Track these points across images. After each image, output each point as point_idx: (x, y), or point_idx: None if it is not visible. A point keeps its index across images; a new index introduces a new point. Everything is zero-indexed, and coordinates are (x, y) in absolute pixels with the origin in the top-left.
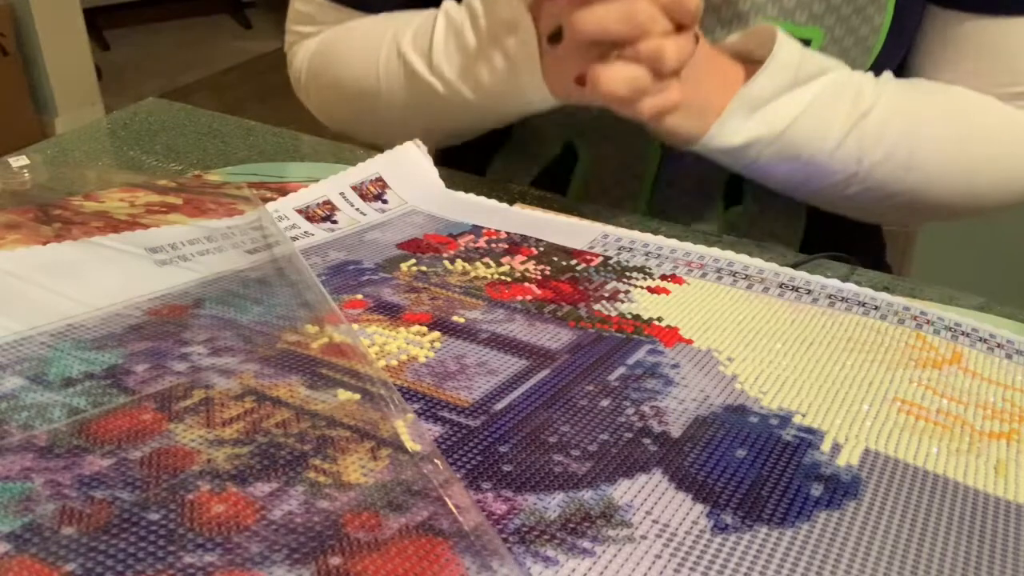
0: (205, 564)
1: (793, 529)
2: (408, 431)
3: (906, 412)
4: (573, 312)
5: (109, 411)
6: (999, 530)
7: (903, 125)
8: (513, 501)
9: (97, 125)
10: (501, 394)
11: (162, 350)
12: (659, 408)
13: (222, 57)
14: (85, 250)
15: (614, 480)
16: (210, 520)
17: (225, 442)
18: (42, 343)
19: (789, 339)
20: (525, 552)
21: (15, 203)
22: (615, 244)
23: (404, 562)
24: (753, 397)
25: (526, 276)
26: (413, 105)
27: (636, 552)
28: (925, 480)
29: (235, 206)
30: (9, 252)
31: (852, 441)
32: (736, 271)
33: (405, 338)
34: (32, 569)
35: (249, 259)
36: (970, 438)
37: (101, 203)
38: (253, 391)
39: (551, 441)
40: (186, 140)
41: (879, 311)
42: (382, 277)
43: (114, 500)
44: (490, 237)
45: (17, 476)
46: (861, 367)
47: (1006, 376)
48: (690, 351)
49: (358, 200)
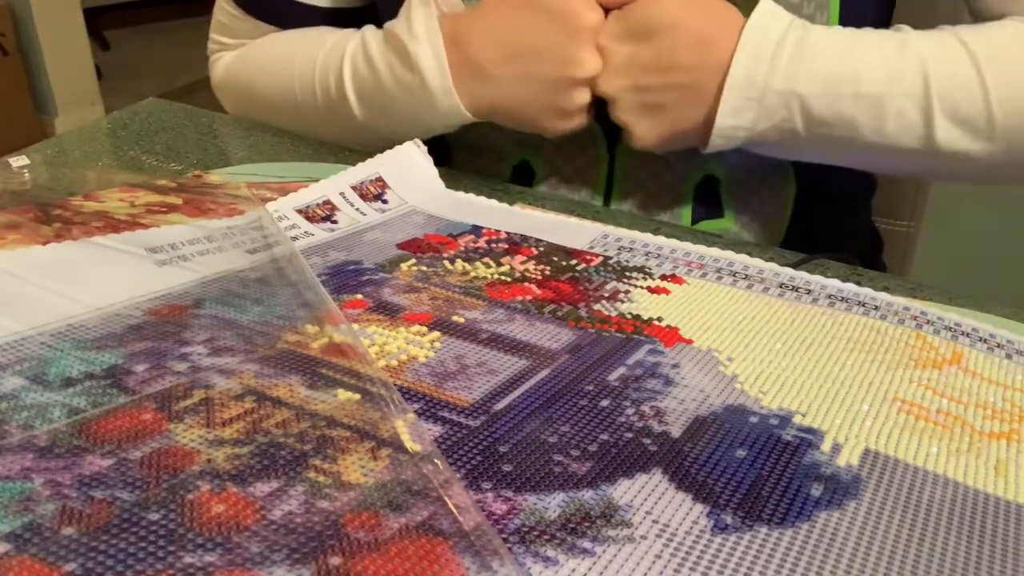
0: (205, 564)
1: (793, 529)
2: (408, 431)
3: (906, 412)
4: (573, 312)
5: (109, 411)
6: (999, 530)
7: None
8: (513, 501)
9: (97, 125)
10: (501, 394)
11: (162, 350)
12: (659, 408)
13: None
14: (85, 250)
15: (614, 480)
16: (210, 520)
17: (225, 442)
18: (42, 343)
19: (789, 339)
20: (525, 552)
21: (15, 203)
22: (615, 244)
23: (404, 562)
24: (753, 397)
25: (526, 276)
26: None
27: (636, 552)
28: (925, 480)
29: (235, 206)
30: (9, 252)
31: (852, 441)
32: (736, 271)
33: (405, 338)
34: (32, 569)
35: (249, 259)
36: (970, 438)
37: (101, 203)
38: (253, 391)
39: (551, 441)
40: (186, 140)
41: (879, 311)
42: (382, 277)
43: (114, 500)
44: (490, 237)
45: (17, 476)
46: (861, 367)
47: (1006, 376)
48: (690, 351)
49: (358, 200)
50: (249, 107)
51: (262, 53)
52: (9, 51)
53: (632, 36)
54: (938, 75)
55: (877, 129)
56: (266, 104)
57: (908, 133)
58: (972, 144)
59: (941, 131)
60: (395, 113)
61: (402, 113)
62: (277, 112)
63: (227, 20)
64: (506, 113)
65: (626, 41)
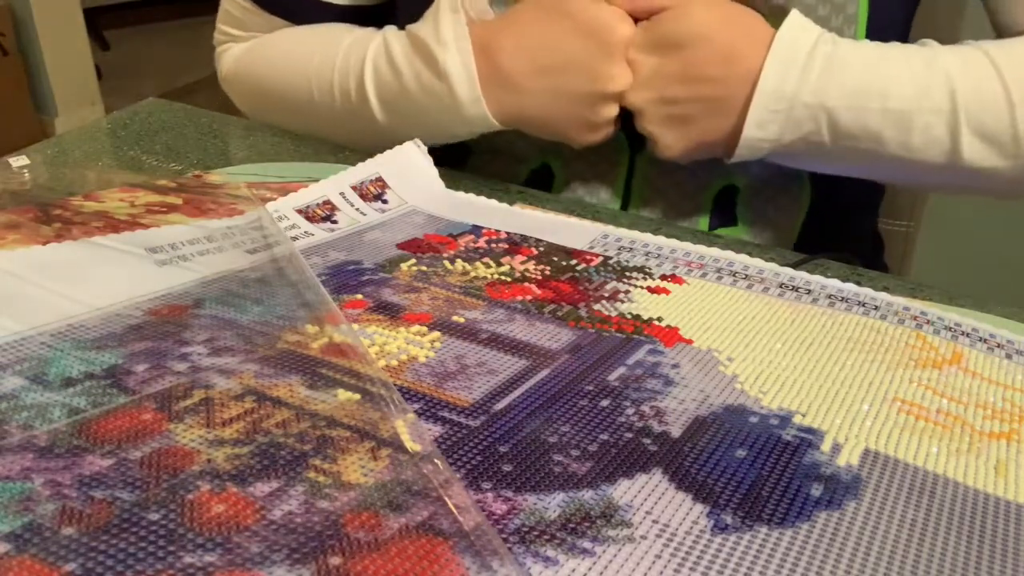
0: (205, 564)
1: (793, 529)
2: (408, 431)
3: (906, 412)
4: (573, 312)
5: (109, 411)
6: (999, 530)
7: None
8: (513, 501)
9: (97, 125)
10: (501, 394)
11: (162, 350)
12: (659, 408)
13: None
14: (85, 250)
15: (614, 480)
16: (210, 520)
17: (225, 442)
18: (42, 343)
19: (789, 339)
20: (525, 552)
21: (15, 203)
22: (615, 244)
23: (404, 562)
24: (753, 397)
25: (526, 276)
26: (345, 121)
27: (636, 552)
28: (925, 480)
29: (235, 206)
30: (9, 252)
31: (852, 441)
32: (736, 271)
33: (405, 338)
34: (32, 569)
35: (249, 259)
36: (970, 438)
37: (101, 203)
38: (253, 391)
39: (551, 441)
40: (186, 140)
41: (879, 311)
42: (382, 277)
43: (114, 500)
44: (490, 237)
45: (17, 476)
46: (861, 367)
47: (1006, 376)
48: (690, 351)
49: (358, 200)
50: (259, 103)
51: (275, 49)
52: (9, 51)
53: (660, 47)
54: (965, 91)
55: (904, 143)
56: (278, 102)
57: (934, 148)
58: (998, 160)
59: (967, 147)
60: (419, 118)
61: (427, 119)
62: (290, 111)
63: (237, 12)
64: (533, 123)
65: (653, 52)
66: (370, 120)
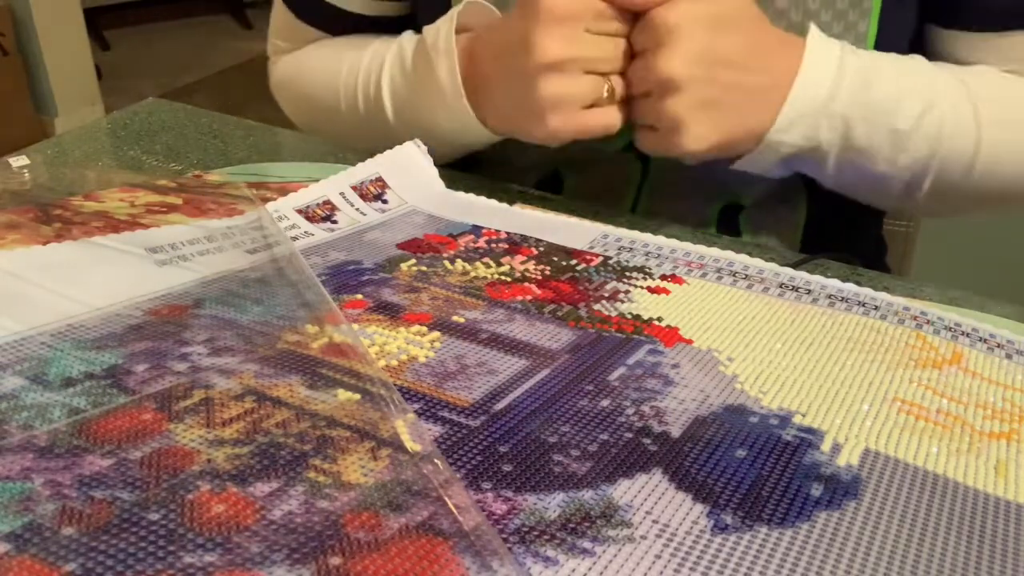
0: (205, 564)
1: (793, 529)
2: (408, 431)
3: (906, 412)
4: (573, 312)
5: (109, 411)
6: (999, 530)
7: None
8: (513, 501)
9: (97, 125)
10: (501, 394)
11: (162, 350)
12: (659, 408)
13: (222, 57)
14: (85, 250)
15: (614, 480)
16: (210, 520)
17: (225, 442)
18: (42, 343)
19: (789, 339)
20: (525, 552)
21: (15, 203)
22: (615, 244)
23: (404, 562)
24: (753, 397)
25: (526, 276)
26: (368, 127)
27: (636, 552)
28: (925, 480)
29: (235, 206)
30: (9, 252)
31: (852, 441)
32: (736, 271)
33: (405, 338)
34: (32, 569)
35: (249, 259)
36: (970, 438)
37: (101, 203)
38: (253, 391)
39: (551, 441)
40: (186, 140)
41: (879, 311)
42: (382, 277)
43: (114, 500)
44: (490, 237)
45: (17, 476)
46: (861, 367)
47: (1006, 376)
48: (690, 351)
49: (358, 200)
50: (305, 113)
51: (311, 59)
52: (9, 51)
53: (719, 24)
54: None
55: (892, 161)
56: (317, 111)
57: (908, 170)
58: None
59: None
60: (426, 125)
61: (433, 126)
62: (327, 120)
63: (281, 24)
64: (505, 123)
65: (710, 29)
66: (385, 125)
